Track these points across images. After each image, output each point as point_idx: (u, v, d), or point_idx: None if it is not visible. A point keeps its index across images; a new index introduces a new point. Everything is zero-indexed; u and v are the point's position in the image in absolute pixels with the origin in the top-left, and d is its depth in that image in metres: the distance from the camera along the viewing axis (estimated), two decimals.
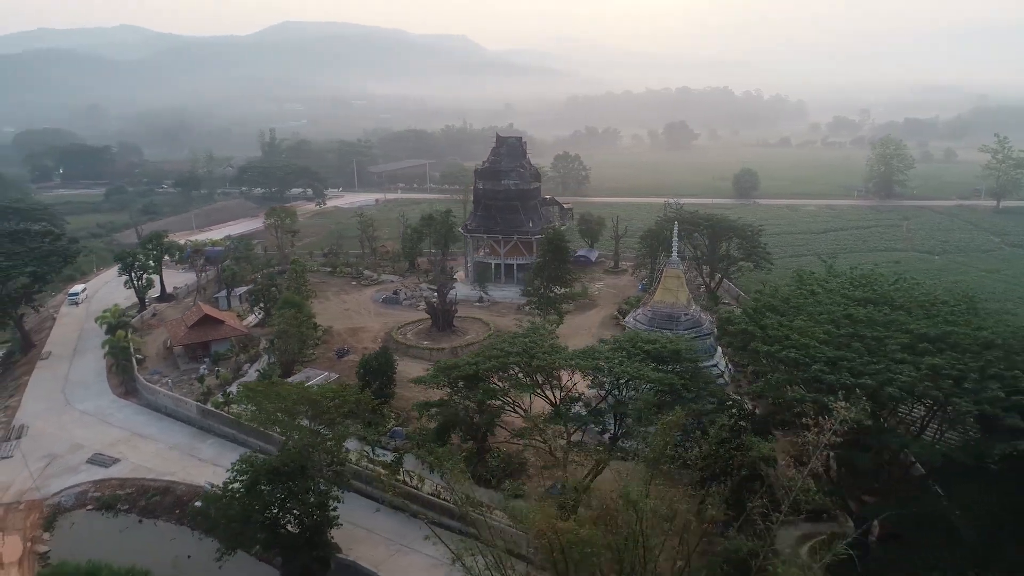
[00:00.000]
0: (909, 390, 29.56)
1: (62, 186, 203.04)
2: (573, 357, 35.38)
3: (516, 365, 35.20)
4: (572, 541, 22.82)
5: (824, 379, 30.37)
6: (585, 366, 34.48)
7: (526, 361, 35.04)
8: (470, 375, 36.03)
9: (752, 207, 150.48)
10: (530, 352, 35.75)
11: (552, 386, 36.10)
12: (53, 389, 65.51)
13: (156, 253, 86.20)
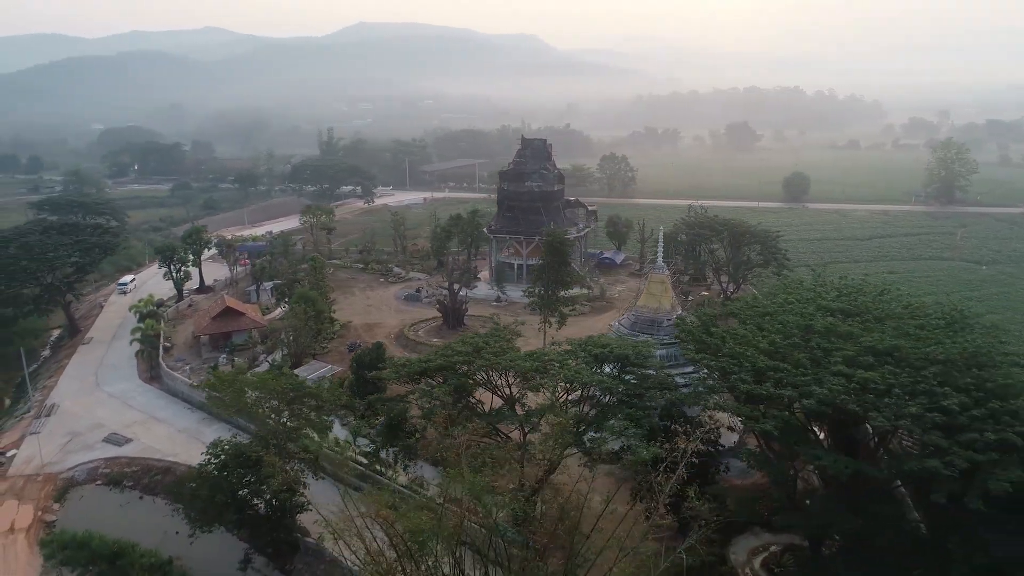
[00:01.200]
0: (829, 403, 29.31)
1: (136, 181, 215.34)
2: (518, 359, 36.35)
3: (464, 364, 36.39)
4: (408, 529, 23.95)
5: (741, 388, 30.39)
6: (526, 367, 35.42)
7: (470, 360, 36.24)
8: (418, 372, 37.52)
9: (799, 211, 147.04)
10: (477, 352, 36.94)
11: (499, 385, 37.15)
12: (87, 372, 70.54)
13: (195, 247, 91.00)
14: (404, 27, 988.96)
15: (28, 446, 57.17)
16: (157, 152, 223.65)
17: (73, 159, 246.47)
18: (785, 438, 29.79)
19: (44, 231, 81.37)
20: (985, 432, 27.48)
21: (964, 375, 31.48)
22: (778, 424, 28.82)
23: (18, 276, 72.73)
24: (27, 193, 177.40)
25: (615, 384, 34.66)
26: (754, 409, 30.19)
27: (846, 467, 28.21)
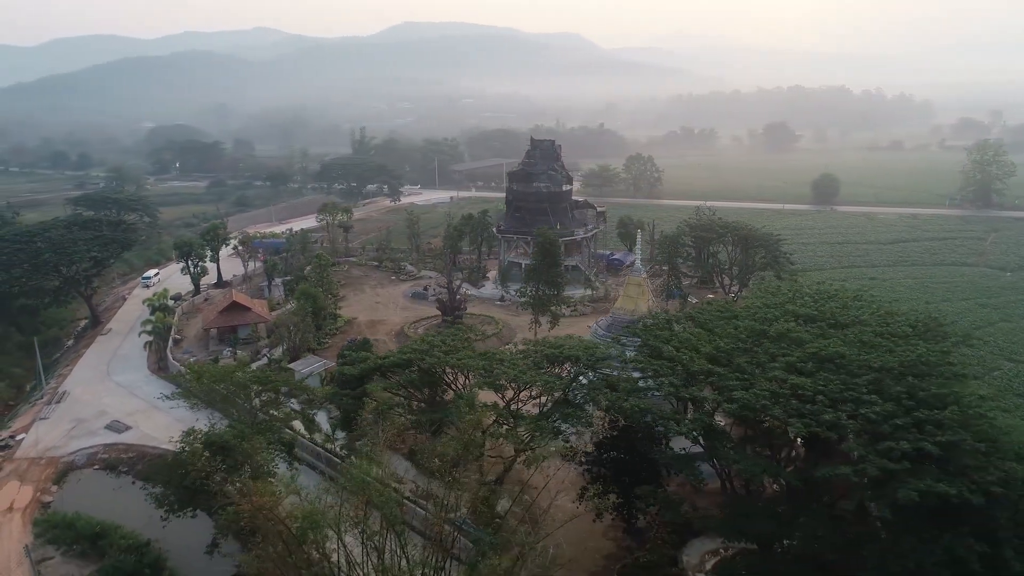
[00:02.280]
0: (750, 407, 29.48)
1: (176, 178, 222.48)
2: (466, 358, 37.25)
3: (417, 363, 37.50)
4: (291, 516, 25.03)
5: (666, 390, 30.73)
6: (473, 366, 36.29)
7: (420, 358, 37.33)
8: (374, 368, 38.76)
9: (826, 214, 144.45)
10: (429, 350, 38.02)
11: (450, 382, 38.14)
12: (101, 362, 73.86)
13: (213, 244, 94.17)
14: (449, 26, 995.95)
15: (36, 431, 60.39)
16: (197, 150, 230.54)
17: (121, 157, 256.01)
18: (708, 440, 30.10)
19: (68, 226, 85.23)
20: (901, 441, 27.38)
21: (897, 384, 31.27)
22: (695, 426, 29.13)
23: (40, 268, 76.45)
24: (73, 189, 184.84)
25: (557, 383, 35.32)
26: (676, 412, 30.53)
27: (761, 471, 28.40)
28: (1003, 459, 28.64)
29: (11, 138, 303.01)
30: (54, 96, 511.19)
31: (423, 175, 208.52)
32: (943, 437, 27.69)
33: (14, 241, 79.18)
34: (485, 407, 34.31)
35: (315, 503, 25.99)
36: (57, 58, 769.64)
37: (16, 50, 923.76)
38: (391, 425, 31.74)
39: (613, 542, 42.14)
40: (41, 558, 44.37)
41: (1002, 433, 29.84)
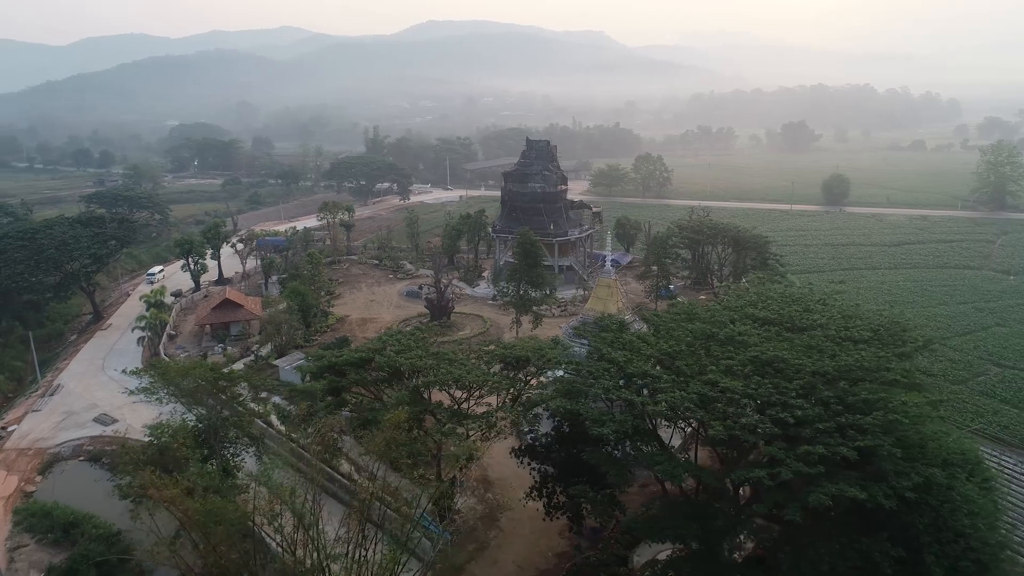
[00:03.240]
0: (673, 408, 29.81)
1: (194, 176, 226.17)
2: (415, 357, 37.94)
3: (368, 362, 38.33)
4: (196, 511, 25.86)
5: (595, 391, 31.16)
6: (421, 366, 36.99)
7: (371, 357, 38.12)
8: (327, 367, 39.64)
9: (834, 215, 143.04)
10: (381, 349, 38.81)
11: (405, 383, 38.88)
12: (97, 356, 75.80)
13: (214, 241, 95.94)
14: (472, 24, 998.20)
15: (27, 422, 62.31)
16: (214, 148, 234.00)
17: (143, 154, 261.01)
18: (633, 442, 30.49)
19: (71, 224, 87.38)
20: (818, 445, 27.57)
21: (829, 388, 31.38)
22: (616, 428, 29.54)
23: (41, 265, 78.61)
24: (93, 186, 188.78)
25: (503, 384, 35.90)
26: (604, 414, 30.95)
27: (682, 472, 28.74)
28: (928, 465, 28.72)
29: (39, 136, 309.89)
30: (82, 95, 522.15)
31: (436, 174, 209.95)
32: (862, 442, 27.81)
33: (18, 238, 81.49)
34: (434, 406, 35.04)
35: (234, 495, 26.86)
36: (87, 57, 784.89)
37: (48, 49, 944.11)
38: (321, 423, 32.59)
39: (567, 541, 42.62)
40: (16, 545, 45.97)
41: (929, 439, 29.85)
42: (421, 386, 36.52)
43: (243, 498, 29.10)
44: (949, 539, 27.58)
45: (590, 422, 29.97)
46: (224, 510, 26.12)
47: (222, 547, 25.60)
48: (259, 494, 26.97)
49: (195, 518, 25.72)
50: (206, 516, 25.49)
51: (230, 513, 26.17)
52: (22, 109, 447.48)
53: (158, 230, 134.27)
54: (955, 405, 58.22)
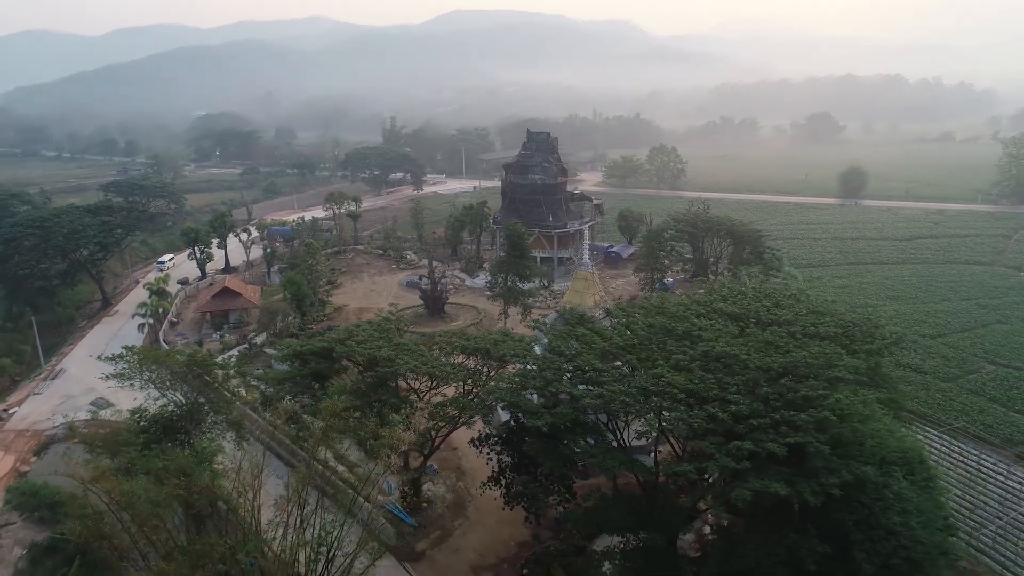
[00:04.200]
0: (608, 400, 30.13)
1: (216, 165, 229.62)
2: (375, 347, 38.65)
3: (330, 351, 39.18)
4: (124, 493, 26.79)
5: (535, 385, 31.55)
6: (380, 356, 37.67)
7: (332, 347, 38.95)
8: (294, 354, 40.58)
9: (848, 209, 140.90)
10: (343, 340, 39.62)
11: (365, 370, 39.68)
12: (100, 341, 77.83)
13: (220, 231, 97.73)
14: (498, 15, 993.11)
15: (28, 405, 64.50)
16: (235, 138, 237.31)
17: (168, 144, 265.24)
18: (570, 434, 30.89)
19: (81, 212, 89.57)
20: (747, 440, 27.70)
21: (770, 385, 31.42)
22: (552, 421, 29.95)
23: (48, 252, 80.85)
24: (116, 175, 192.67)
25: (459, 374, 36.50)
26: (541, 407, 31.35)
27: (617, 465, 29.07)
28: (864, 463, 28.67)
29: (68, 126, 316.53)
30: (113, 85, 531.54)
31: (453, 164, 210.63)
32: (792, 438, 27.88)
33: (28, 226, 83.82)
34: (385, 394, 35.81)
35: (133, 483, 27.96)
36: (119, 47, 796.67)
37: (82, 39, 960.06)
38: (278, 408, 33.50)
39: (530, 530, 43.13)
40: (4, 522, 47.79)
41: (868, 437, 29.74)
42: (381, 376, 37.20)
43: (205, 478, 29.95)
44: (880, 537, 27.56)
45: (525, 415, 30.37)
46: (147, 490, 27.10)
47: (148, 525, 26.58)
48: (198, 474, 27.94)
49: (118, 499, 26.73)
50: (130, 496, 26.48)
51: (153, 494, 27.11)
52: (54, 99, 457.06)
53: (173, 219, 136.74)
54: (939, 403, 57.65)
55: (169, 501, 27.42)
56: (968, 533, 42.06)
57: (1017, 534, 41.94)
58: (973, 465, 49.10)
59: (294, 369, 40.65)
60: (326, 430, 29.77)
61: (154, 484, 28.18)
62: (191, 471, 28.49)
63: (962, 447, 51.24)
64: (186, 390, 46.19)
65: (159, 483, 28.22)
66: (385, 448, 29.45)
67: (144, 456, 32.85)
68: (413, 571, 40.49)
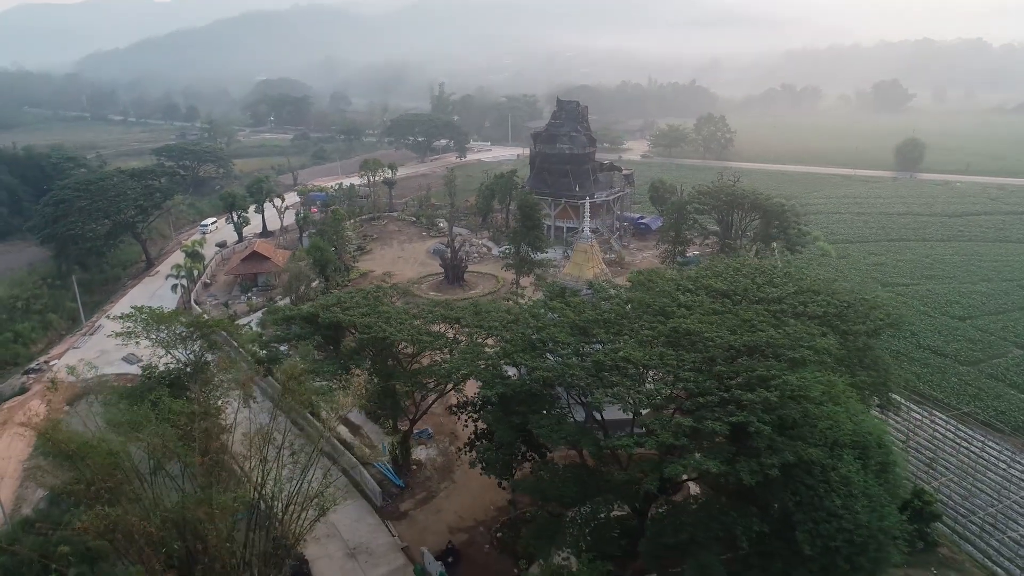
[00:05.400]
0: (560, 374, 30.52)
1: (271, 130, 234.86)
2: (359, 314, 39.85)
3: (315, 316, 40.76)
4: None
5: (491, 359, 32.15)
6: (363, 323, 38.89)
7: (318, 313, 40.38)
8: (284, 319, 42.24)
9: (902, 182, 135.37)
10: (328, 307, 41.03)
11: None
12: (139, 299, 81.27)
13: (257, 197, 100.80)
14: None
15: (67, 358, 68.78)
16: (290, 103, 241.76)
17: (227, 110, 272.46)
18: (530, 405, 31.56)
19: (125, 176, 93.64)
20: (687, 418, 27.85)
21: (727, 363, 31.29)
22: (499, 392, 30.64)
23: (93, 215, 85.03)
24: (175, 139, 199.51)
25: (435, 343, 37.45)
26: (494, 378, 32.00)
27: (561, 438, 29.60)
28: (814, 445, 28.45)
29: (136, 91, 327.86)
30: (181, 50, 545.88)
31: (501, 131, 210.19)
32: (735, 418, 27.87)
33: (76, 189, 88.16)
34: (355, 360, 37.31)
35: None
36: (189, 12, 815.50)
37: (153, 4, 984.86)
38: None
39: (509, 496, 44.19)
40: (33, 466, 51.55)
41: (821, 419, 29.35)
42: (360, 342, 38.57)
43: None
44: (823, 518, 27.47)
45: (481, 385, 31.10)
46: (100, 442, 29.12)
47: (99, 476, 28.57)
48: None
49: (63, 448, 28.85)
50: (78, 448, 28.54)
51: (103, 445, 29.08)
52: (125, 64, 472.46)
53: (222, 183, 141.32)
54: (954, 387, 55.87)
55: (117, 454, 29.26)
56: (954, 520, 41.16)
57: (1006, 523, 40.83)
58: (976, 452, 47.71)
59: (282, 332, 42.35)
60: (284, 391, 31.20)
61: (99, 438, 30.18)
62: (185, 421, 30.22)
63: (968, 433, 49.75)
64: (194, 349, 48.67)
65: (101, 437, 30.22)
66: (327, 409, 30.68)
67: (143, 407, 34.84)
68: (394, 529, 42.14)
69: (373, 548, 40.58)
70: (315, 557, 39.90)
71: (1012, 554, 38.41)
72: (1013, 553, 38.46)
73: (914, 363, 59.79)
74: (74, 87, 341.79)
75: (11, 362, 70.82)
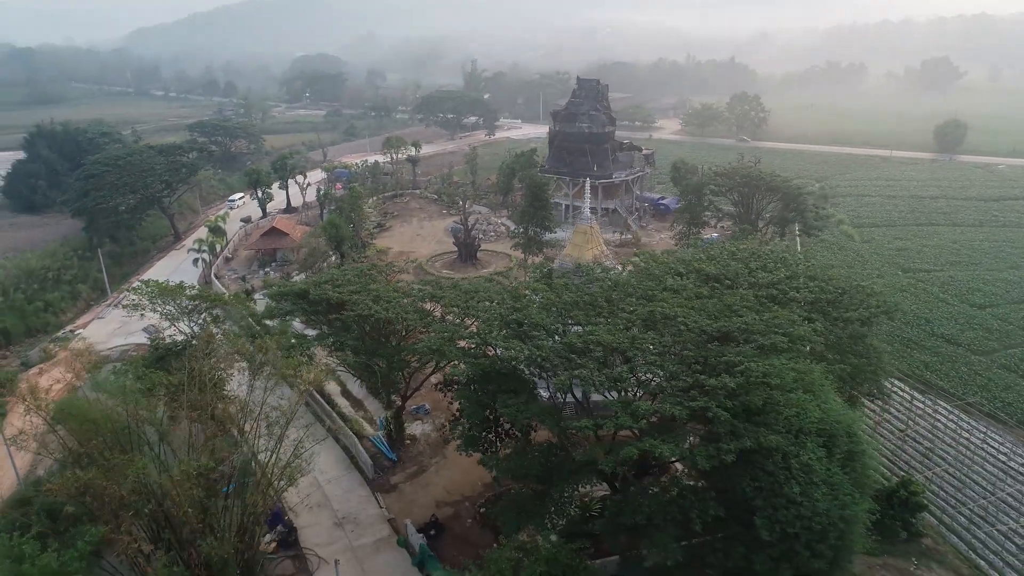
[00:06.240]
0: (529, 355, 30.87)
1: (305, 107, 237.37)
2: (346, 292, 40.73)
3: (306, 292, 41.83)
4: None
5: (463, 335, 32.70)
6: (346, 300, 39.76)
7: (309, 289, 41.40)
8: (278, 294, 43.38)
9: (940, 164, 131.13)
10: (319, 283, 42.03)
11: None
12: (162, 273, 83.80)
13: (282, 173, 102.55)
14: None
15: (91, 328, 71.54)
16: (324, 80, 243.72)
17: (264, 86, 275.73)
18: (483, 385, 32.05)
19: (154, 152, 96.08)
20: (643, 401, 28.04)
21: (696, 350, 31.30)
22: (463, 372, 31.28)
23: (120, 189, 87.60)
24: (212, 115, 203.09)
25: (420, 320, 38.21)
26: (467, 355, 32.53)
27: (527, 417, 30.05)
28: (777, 432, 28.41)
29: (178, 66, 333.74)
30: (225, 26, 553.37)
31: (533, 109, 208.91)
32: (696, 402, 27.97)
33: (105, 164, 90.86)
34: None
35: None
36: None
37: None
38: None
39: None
40: (49, 429, 54.05)
41: (787, 406, 29.23)
42: (345, 320, 39.54)
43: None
44: (781, 505, 27.51)
45: (448, 365, 31.70)
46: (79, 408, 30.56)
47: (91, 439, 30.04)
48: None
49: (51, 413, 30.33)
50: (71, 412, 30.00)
51: (93, 411, 30.50)
52: (170, 40, 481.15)
53: (253, 159, 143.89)
54: (962, 376, 54.70)
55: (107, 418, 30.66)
56: (942, 510, 40.63)
57: (997, 515, 40.16)
58: (976, 443, 46.81)
59: (276, 307, 43.56)
60: (262, 363, 32.31)
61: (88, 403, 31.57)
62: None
63: (971, 423, 48.79)
64: (200, 321, 50.33)
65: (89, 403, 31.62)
66: (297, 381, 31.71)
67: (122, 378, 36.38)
68: (383, 501, 43.26)
69: (361, 518, 41.77)
70: (304, 525, 41.28)
71: (998, 547, 37.83)
72: (999, 546, 37.88)
73: (924, 351, 58.61)
74: (120, 62, 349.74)
75: (41, 330, 73.97)
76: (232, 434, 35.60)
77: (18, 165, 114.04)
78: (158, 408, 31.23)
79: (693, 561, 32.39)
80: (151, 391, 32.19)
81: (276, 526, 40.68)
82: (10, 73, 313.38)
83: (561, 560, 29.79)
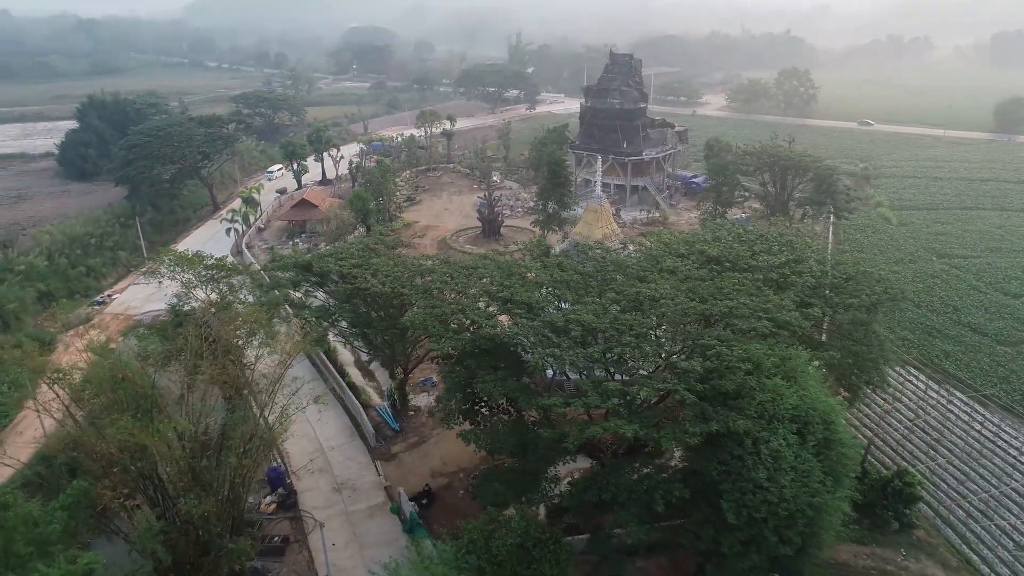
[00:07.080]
0: (509, 332, 31.26)
1: (352, 78, 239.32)
2: (347, 266, 41.67)
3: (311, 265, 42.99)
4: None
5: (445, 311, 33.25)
6: (348, 273, 40.67)
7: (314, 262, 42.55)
8: (289, 266, 44.72)
9: (996, 145, 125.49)
10: (321, 258, 43.12)
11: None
12: (199, 241, 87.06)
13: (317, 146, 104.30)
14: None
15: (127, 293, 74.63)
16: (372, 52, 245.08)
17: (316, 57, 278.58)
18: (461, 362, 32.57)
19: (193, 124, 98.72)
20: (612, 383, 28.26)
21: (675, 331, 31.23)
22: (449, 346, 31.85)
23: (160, 159, 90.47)
24: (261, 86, 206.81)
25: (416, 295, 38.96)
26: (445, 329, 33.11)
27: (501, 393, 30.51)
28: (748, 417, 28.31)
29: (233, 38, 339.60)
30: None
31: (576, 83, 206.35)
32: (665, 385, 28.05)
33: (147, 134, 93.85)
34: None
35: None
36: None
37: None
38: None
39: None
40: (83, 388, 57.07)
41: (762, 392, 29.01)
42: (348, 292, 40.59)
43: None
44: (748, 489, 27.54)
45: (430, 340, 32.32)
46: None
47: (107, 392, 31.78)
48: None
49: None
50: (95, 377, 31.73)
51: (108, 371, 32.17)
52: (227, 11, 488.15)
53: (295, 131, 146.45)
54: (983, 367, 52.95)
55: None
56: (941, 502, 39.80)
57: (998, 509, 39.14)
58: (989, 435, 45.48)
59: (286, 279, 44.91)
60: (251, 331, 33.57)
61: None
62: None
63: (984, 415, 47.38)
64: (220, 290, 52.16)
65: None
66: (280, 348, 32.85)
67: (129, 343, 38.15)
68: (381, 469, 44.55)
69: (359, 485, 43.16)
70: (305, 489, 42.92)
71: (994, 542, 36.96)
72: (995, 541, 37.00)
73: (947, 340, 56.84)
74: (177, 33, 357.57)
75: (83, 294, 77.50)
76: (238, 398, 37.32)
77: (71, 134, 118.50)
78: (148, 371, 32.61)
79: (668, 543, 32.86)
80: (147, 357, 33.58)
81: (277, 488, 42.48)
82: (75, 44, 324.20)
83: (532, 534, 30.42)
